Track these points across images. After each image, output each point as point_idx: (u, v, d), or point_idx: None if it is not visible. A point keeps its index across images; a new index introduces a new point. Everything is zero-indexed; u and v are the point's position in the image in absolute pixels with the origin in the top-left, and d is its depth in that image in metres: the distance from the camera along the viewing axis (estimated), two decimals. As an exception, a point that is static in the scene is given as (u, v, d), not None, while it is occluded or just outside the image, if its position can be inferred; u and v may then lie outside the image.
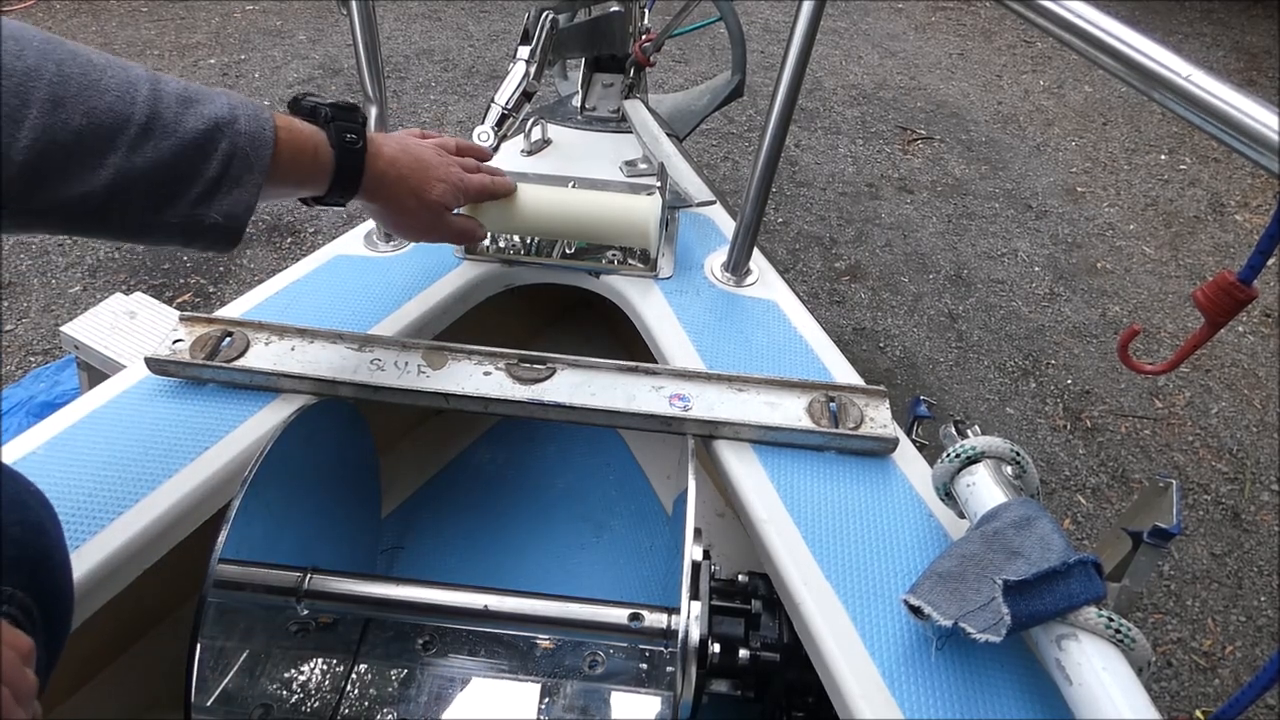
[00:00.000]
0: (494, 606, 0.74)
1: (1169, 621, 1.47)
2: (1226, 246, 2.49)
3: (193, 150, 0.51)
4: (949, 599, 0.53)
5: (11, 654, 0.36)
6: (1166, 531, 0.57)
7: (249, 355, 0.74)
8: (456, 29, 3.43)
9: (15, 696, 0.35)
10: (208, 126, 0.52)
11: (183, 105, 0.51)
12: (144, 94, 0.49)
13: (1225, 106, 0.44)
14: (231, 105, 0.54)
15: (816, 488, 0.69)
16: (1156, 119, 3.17)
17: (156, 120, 0.50)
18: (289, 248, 2.16)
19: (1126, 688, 0.48)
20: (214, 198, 0.53)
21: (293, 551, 0.72)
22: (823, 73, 3.35)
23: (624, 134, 1.19)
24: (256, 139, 0.54)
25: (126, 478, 0.65)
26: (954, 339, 2.06)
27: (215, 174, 0.52)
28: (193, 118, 0.51)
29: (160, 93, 0.50)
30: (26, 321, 1.83)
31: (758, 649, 0.69)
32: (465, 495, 1.12)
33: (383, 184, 0.66)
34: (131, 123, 0.48)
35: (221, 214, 0.53)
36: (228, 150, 0.53)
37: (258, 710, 0.68)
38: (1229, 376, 2.02)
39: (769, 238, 2.35)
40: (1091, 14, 0.51)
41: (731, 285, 0.92)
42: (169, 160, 0.50)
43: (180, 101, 0.51)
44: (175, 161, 0.50)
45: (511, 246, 0.95)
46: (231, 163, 0.53)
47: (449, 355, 0.76)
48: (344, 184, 0.63)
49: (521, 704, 0.84)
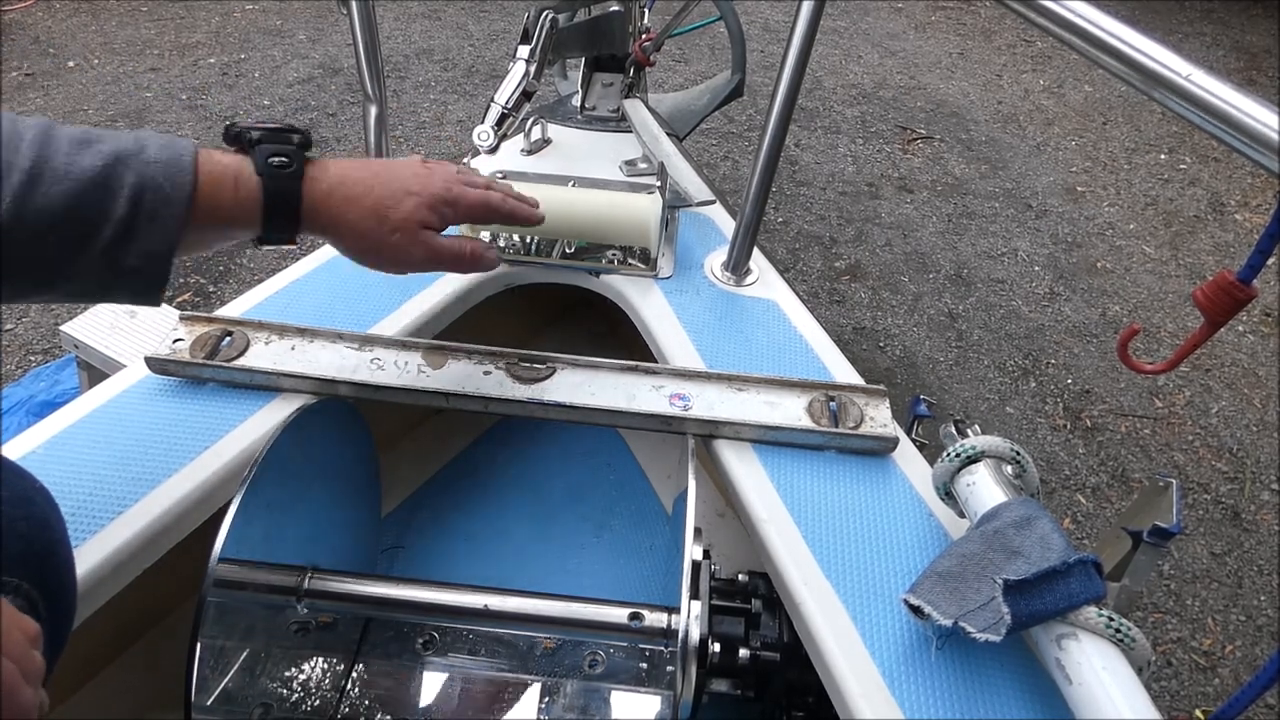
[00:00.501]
0: (494, 606, 0.73)
1: (1169, 621, 1.47)
2: (1226, 246, 2.49)
3: (92, 190, 0.46)
4: (949, 598, 0.53)
5: (18, 634, 0.36)
6: (1166, 531, 0.57)
7: (249, 355, 0.74)
8: (456, 28, 3.43)
9: (23, 675, 0.35)
10: (106, 162, 0.47)
11: (78, 147, 0.47)
12: (29, 139, 0.46)
13: (1225, 106, 0.44)
14: (140, 138, 0.49)
15: (816, 487, 0.69)
16: (1156, 118, 3.17)
17: (44, 165, 0.46)
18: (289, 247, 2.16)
19: (1126, 687, 0.48)
20: (129, 240, 0.48)
21: (292, 551, 0.72)
22: (823, 72, 3.34)
23: (624, 133, 1.19)
24: (171, 168, 0.49)
25: (126, 477, 0.65)
26: (954, 338, 2.06)
27: (125, 213, 0.47)
28: (89, 156, 0.47)
29: (51, 138, 0.47)
30: (26, 321, 1.83)
31: (758, 648, 0.69)
32: (465, 495, 1.12)
33: (328, 208, 0.56)
34: (14, 169, 0.45)
35: (140, 257, 0.48)
36: (135, 185, 0.48)
37: (258, 710, 0.68)
38: (1229, 376, 2.02)
39: (769, 237, 2.35)
40: (1091, 14, 0.51)
41: (731, 285, 0.92)
42: (63, 205, 0.46)
43: (75, 144, 0.47)
44: (72, 205, 0.46)
45: (511, 246, 0.95)
46: (142, 198, 0.48)
47: (449, 355, 0.76)
48: (278, 216, 0.54)
49: (521, 704, 0.84)
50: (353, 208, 0.57)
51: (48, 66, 2.89)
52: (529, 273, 0.94)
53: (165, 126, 2.60)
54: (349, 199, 0.57)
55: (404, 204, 0.58)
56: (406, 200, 0.59)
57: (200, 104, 2.75)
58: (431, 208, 0.60)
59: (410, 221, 0.59)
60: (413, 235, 0.59)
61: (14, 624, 0.37)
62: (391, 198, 0.58)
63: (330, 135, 2.64)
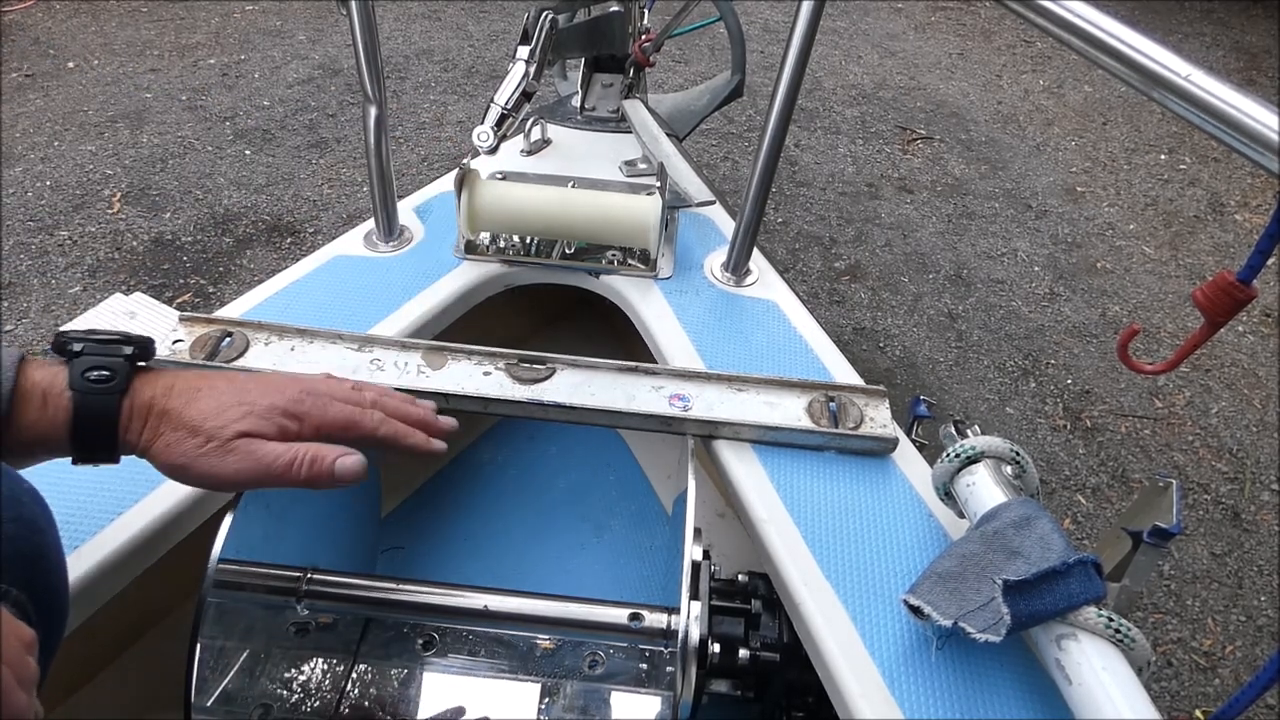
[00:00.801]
0: (494, 606, 0.73)
1: (1169, 621, 1.47)
2: (1226, 246, 2.49)
3: None
4: (949, 599, 0.53)
5: (14, 640, 0.36)
6: (1166, 531, 0.57)
7: (249, 355, 0.74)
8: (456, 29, 3.43)
9: (18, 681, 0.35)
10: None
11: None
12: None
13: (1225, 106, 0.44)
14: None
15: (816, 487, 0.69)
16: (1156, 119, 3.17)
17: None
18: (289, 248, 2.16)
19: (1126, 687, 0.48)
20: None
21: (293, 551, 0.71)
22: (822, 73, 3.34)
23: (624, 134, 1.19)
24: None
25: (126, 478, 0.65)
26: (954, 339, 2.06)
27: None
28: None
29: None
30: (26, 321, 1.83)
31: (758, 649, 0.69)
32: (465, 495, 1.12)
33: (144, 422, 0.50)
34: None
35: None
36: None
37: (257, 710, 0.68)
38: (1229, 376, 2.02)
39: (769, 238, 2.35)
40: (1091, 14, 0.51)
41: (731, 285, 0.92)
42: None
43: None
44: None
45: (511, 246, 0.95)
46: None
47: (449, 355, 0.76)
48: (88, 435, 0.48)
49: (521, 704, 0.84)
50: (167, 421, 0.49)
51: (47, 67, 2.89)
52: (529, 273, 0.94)
53: (165, 127, 2.60)
54: (165, 412, 0.50)
55: (226, 414, 0.50)
56: (231, 410, 0.50)
57: (200, 105, 2.75)
58: (263, 416, 0.51)
59: (225, 431, 0.50)
60: (225, 446, 0.49)
61: (10, 630, 0.36)
62: (217, 408, 0.50)
63: (330, 136, 2.64)
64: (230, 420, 0.50)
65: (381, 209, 0.92)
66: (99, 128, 2.57)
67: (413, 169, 2.54)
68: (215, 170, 2.44)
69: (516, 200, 0.90)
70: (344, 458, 0.53)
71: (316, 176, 2.44)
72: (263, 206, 2.30)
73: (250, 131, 2.63)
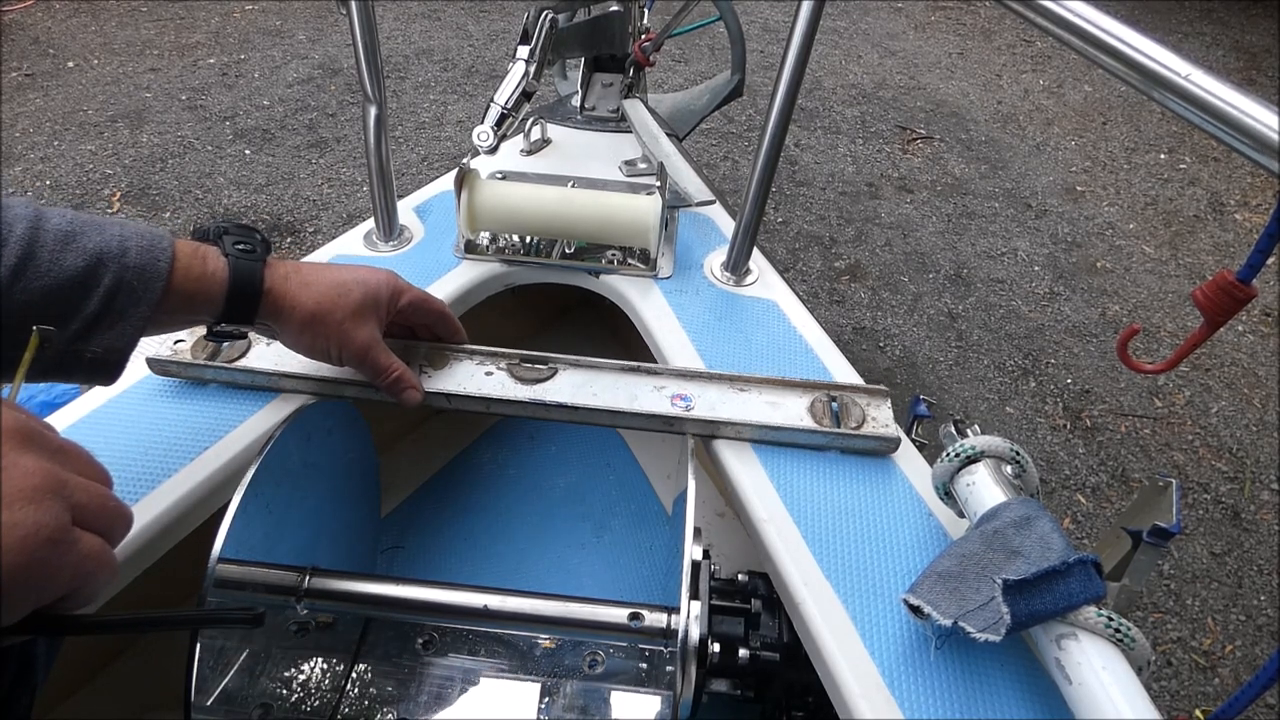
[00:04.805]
0: (494, 606, 0.73)
1: (1169, 621, 1.48)
2: (1226, 246, 2.49)
3: (71, 289, 0.49)
4: (949, 598, 0.53)
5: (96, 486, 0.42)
6: (1166, 531, 0.57)
7: (250, 355, 0.74)
8: (456, 29, 3.43)
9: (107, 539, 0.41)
10: (89, 263, 0.49)
11: (63, 243, 0.49)
12: (19, 233, 0.48)
13: (1225, 106, 0.44)
14: (123, 236, 0.51)
15: (816, 487, 0.69)
16: (1156, 118, 3.17)
17: (29, 261, 0.48)
18: (289, 248, 2.16)
19: (1126, 687, 0.48)
20: (95, 333, 0.50)
21: (292, 551, 0.71)
22: (822, 72, 3.35)
23: (624, 134, 1.19)
24: (146, 272, 0.52)
25: (126, 478, 0.65)
26: (954, 338, 2.06)
27: (95, 310, 0.50)
28: (73, 255, 0.49)
29: (40, 231, 0.49)
30: (26, 321, 1.82)
31: (757, 648, 0.69)
32: (465, 495, 1.12)
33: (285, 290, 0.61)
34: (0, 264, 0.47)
35: (102, 349, 0.51)
36: (111, 286, 0.50)
37: (257, 710, 0.68)
38: (1229, 376, 2.02)
39: (769, 237, 2.35)
40: (1091, 14, 0.51)
41: (731, 285, 0.92)
42: (41, 299, 0.48)
43: (61, 240, 0.49)
44: (50, 300, 0.48)
45: (511, 246, 0.95)
46: (115, 298, 0.50)
47: (450, 355, 0.76)
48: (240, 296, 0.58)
49: (521, 704, 0.84)
50: (307, 291, 0.62)
51: (47, 67, 2.89)
52: (529, 273, 0.94)
53: (165, 127, 2.60)
54: (304, 283, 0.62)
55: (353, 293, 0.64)
56: (357, 289, 0.64)
57: (200, 104, 2.75)
58: (385, 298, 0.67)
59: (364, 308, 0.65)
60: (359, 321, 0.64)
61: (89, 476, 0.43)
62: (342, 285, 0.64)
63: (330, 135, 2.64)
64: (359, 298, 0.64)
65: (381, 208, 0.92)
66: (99, 127, 2.58)
67: (413, 168, 2.54)
68: (215, 170, 2.44)
69: (516, 200, 0.90)
70: (413, 391, 0.70)
71: (316, 176, 2.45)
72: (262, 206, 2.30)
73: (250, 131, 2.63)
